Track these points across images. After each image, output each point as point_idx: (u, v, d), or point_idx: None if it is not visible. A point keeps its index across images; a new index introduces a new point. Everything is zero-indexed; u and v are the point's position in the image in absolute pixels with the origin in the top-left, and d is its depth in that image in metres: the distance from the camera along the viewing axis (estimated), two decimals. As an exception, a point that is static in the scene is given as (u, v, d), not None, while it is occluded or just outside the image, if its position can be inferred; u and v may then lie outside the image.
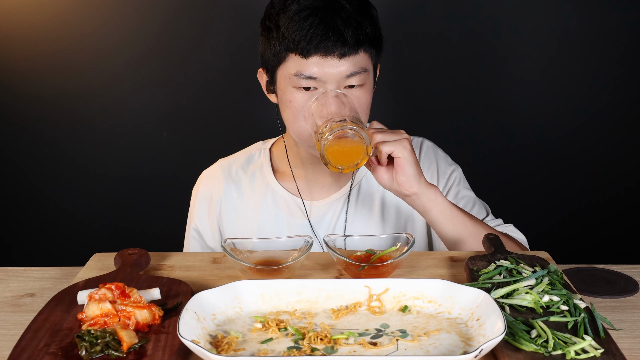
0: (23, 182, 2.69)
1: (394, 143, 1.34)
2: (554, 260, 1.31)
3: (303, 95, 1.43)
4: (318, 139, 1.33)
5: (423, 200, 1.40)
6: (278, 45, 1.43)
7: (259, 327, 1.03)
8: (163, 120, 2.63)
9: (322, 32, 1.38)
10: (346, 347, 0.98)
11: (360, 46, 1.41)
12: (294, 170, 1.64)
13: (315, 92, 1.42)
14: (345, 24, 1.39)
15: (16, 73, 2.58)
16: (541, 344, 0.95)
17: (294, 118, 1.46)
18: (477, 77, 2.57)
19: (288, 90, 1.44)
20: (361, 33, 1.41)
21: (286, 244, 1.29)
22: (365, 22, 1.43)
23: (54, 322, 1.04)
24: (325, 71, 1.40)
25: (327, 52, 1.38)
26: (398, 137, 1.35)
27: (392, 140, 1.34)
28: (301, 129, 1.46)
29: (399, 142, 1.34)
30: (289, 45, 1.41)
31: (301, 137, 1.48)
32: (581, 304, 1.07)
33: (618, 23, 2.48)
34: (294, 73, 1.42)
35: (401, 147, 1.33)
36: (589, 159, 2.62)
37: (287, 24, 1.40)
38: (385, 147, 1.34)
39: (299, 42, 1.39)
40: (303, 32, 1.38)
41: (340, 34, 1.38)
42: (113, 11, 2.52)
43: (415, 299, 1.09)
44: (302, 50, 1.39)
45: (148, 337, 1.00)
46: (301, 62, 1.40)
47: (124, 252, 1.31)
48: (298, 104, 1.43)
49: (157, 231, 2.68)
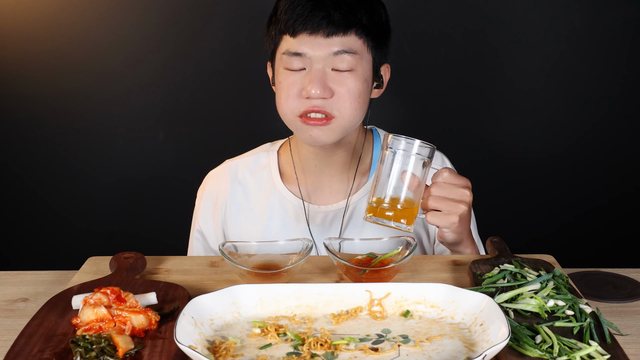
0: (16, 183, 2.68)
1: (442, 218, 1.31)
2: (559, 264, 1.31)
3: (292, 75, 1.45)
4: (372, 203, 1.30)
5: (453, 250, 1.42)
6: (274, 30, 1.48)
7: (258, 333, 1.03)
8: (159, 121, 2.62)
9: (309, 10, 1.42)
10: (347, 352, 0.97)
11: (348, 28, 1.43)
12: (298, 174, 1.63)
13: (303, 72, 1.44)
14: (335, 5, 1.42)
15: (9, 73, 2.57)
16: (546, 349, 0.95)
17: (280, 98, 1.48)
18: (481, 76, 2.57)
19: (280, 72, 1.48)
20: (351, 17, 1.43)
21: (285, 248, 1.29)
22: (360, 9, 1.44)
23: (48, 327, 1.04)
24: (312, 48, 1.42)
25: (313, 29, 1.41)
26: (451, 208, 1.31)
27: (443, 213, 1.31)
28: (286, 109, 1.47)
29: (447, 217, 1.31)
30: (281, 28, 1.45)
31: (286, 118, 1.49)
32: (587, 308, 1.07)
33: (625, 22, 2.49)
34: (283, 52, 1.46)
35: (448, 223, 1.31)
36: (596, 161, 2.62)
37: (282, 7, 1.45)
38: (431, 219, 1.32)
39: (288, 21, 1.43)
40: (292, 11, 1.43)
41: (326, 12, 1.41)
42: (108, 11, 2.52)
43: (417, 303, 1.09)
44: (290, 29, 1.43)
45: (144, 343, 0.99)
46: (291, 41, 1.44)
47: (120, 255, 1.31)
48: (286, 84, 1.46)
49: (153, 234, 2.67)
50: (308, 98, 1.43)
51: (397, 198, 1.28)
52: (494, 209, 2.59)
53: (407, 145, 1.27)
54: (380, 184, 1.29)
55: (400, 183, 1.28)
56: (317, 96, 1.42)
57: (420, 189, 1.29)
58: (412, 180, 1.27)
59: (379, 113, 1.53)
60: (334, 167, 1.60)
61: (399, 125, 1.39)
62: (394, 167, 1.28)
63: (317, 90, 1.41)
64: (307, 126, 1.45)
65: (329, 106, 1.43)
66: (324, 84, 1.42)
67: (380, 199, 1.28)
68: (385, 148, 1.29)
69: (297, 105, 1.45)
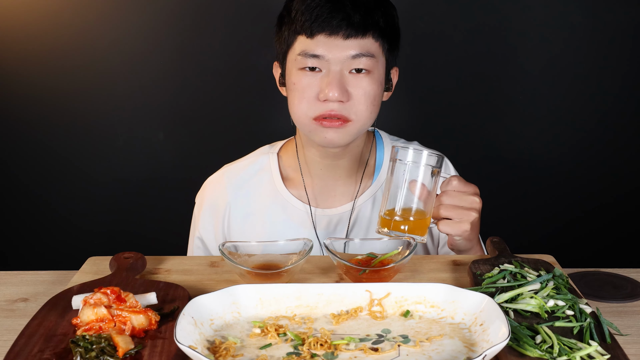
0: (16, 184, 2.68)
1: (454, 226, 1.31)
2: (559, 264, 1.31)
3: (307, 76, 1.42)
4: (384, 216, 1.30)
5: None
6: (287, 30, 1.45)
7: (258, 333, 1.03)
8: (159, 121, 2.63)
9: (328, 12, 1.39)
10: (347, 352, 0.97)
11: (367, 30, 1.41)
12: (304, 177, 1.61)
13: (319, 74, 1.41)
14: (354, 7, 1.40)
15: (10, 73, 2.57)
16: (546, 349, 0.95)
17: (295, 99, 1.45)
18: (483, 77, 2.57)
19: (293, 73, 1.45)
20: (369, 19, 1.41)
21: (286, 248, 1.29)
22: (377, 12, 1.42)
23: (48, 327, 1.04)
24: (330, 50, 1.40)
25: (332, 31, 1.39)
26: (462, 216, 1.32)
27: (454, 221, 1.32)
28: (300, 112, 1.45)
29: (459, 225, 1.31)
30: (296, 28, 1.42)
31: (300, 120, 1.47)
32: (587, 308, 1.07)
33: (624, 22, 2.49)
34: (299, 53, 1.42)
35: (460, 231, 1.32)
36: (596, 161, 2.63)
37: (297, 7, 1.42)
38: (443, 228, 1.32)
39: (305, 22, 1.40)
40: (309, 12, 1.40)
41: (346, 14, 1.39)
42: (108, 12, 2.52)
43: (417, 303, 1.09)
44: (307, 30, 1.40)
45: (144, 343, 0.99)
46: (307, 42, 1.41)
47: (120, 255, 1.31)
48: (301, 85, 1.43)
49: (153, 234, 2.67)
50: (325, 101, 1.41)
51: (409, 209, 1.28)
52: (495, 209, 2.58)
53: (416, 156, 1.27)
54: (391, 196, 1.29)
55: (411, 194, 1.27)
56: (335, 99, 1.40)
57: (431, 198, 1.29)
58: (422, 190, 1.27)
59: (382, 113, 1.53)
60: (339, 170, 1.58)
61: (400, 126, 1.39)
62: (404, 179, 1.28)
63: (335, 93, 1.39)
64: (322, 128, 1.44)
65: (346, 110, 1.42)
66: (343, 87, 1.40)
67: (392, 211, 1.28)
68: (393, 160, 1.29)
69: (313, 108, 1.43)
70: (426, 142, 1.73)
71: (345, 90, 1.40)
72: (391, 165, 1.29)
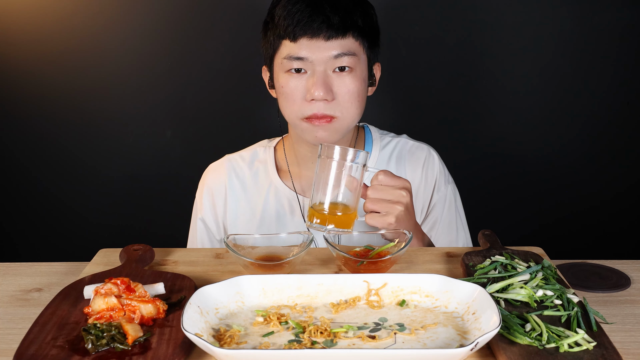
0: (30, 180, 2.70)
1: (379, 220, 1.34)
2: (548, 255, 1.32)
3: (294, 79, 1.47)
4: (314, 207, 1.33)
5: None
6: (272, 35, 1.49)
7: (261, 321, 1.04)
8: (167, 119, 2.64)
9: (308, 15, 1.43)
10: (345, 340, 0.99)
11: (347, 31, 1.45)
12: (291, 169, 1.67)
13: (305, 75, 1.45)
14: (333, 9, 1.43)
15: (22, 73, 2.58)
16: (535, 337, 0.96)
17: (285, 102, 1.50)
18: (474, 77, 2.56)
19: (280, 76, 1.49)
20: (348, 19, 1.45)
21: (287, 240, 1.31)
22: (355, 12, 1.46)
23: (61, 316, 1.05)
24: (313, 52, 1.44)
25: (313, 34, 1.43)
26: (387, 209, 1.34)
27: (380, 214, 1.34)
28: (291, 113, 1.50)
29: (384, 218, 1.34)
30: (280, 33, 1.47)
31: (291, 121, 1.53)
32: (574, 298, 1.08)
33: (611, 25, 2.49)
34: (284, 57, 1.47)
35: (385, 224, 1.34)
36: (583, 158, 2.62)
37: (280, 13, 1.46)
38: (369, 221, 1.36)
39: (287, 27, 1.44)
40: (291, 17, 1.44)
41: (325, 17, 1.43)
42: (118, 15, 2.53)
43: (412, 293, 1.11)
44: (290, 34, 1.44)
45: (152, 331, 1.01)
46: (291, 45, 1.46)
47: (129, 247, 1.32)
48: (289, 88, 1.48)
49: (161, 228, 2.69)
50: (312, 100, 1.46)
51: (336, 204, 1.31)
52: (486, 203, 2.59)
53: (342, 153, 1.30)
54: (320, 191, 1.32)
55: (338, 189, 1.31)
56: (321, 98, 1.44)
57: (358, 193, 1.32)
58: (349, 185, 1.31)
59: (377, 112, 1.56)
60: None
61: (396, 123, 1.42)
62: (331, 175, 1.31)
63: (320, 92, 1.44)
64: (313, 127, 1.49)
65: (331, 109, 1.47)
66: (327, 86, 1.45)
67: (320, 206, 1.32)
68: (321, 156, 1.32)
69: (302, 109, 1.48)
70: (419, 137, 1.76)
71: (330, 89, 1.45)
72: (318, 162, 1.32)
